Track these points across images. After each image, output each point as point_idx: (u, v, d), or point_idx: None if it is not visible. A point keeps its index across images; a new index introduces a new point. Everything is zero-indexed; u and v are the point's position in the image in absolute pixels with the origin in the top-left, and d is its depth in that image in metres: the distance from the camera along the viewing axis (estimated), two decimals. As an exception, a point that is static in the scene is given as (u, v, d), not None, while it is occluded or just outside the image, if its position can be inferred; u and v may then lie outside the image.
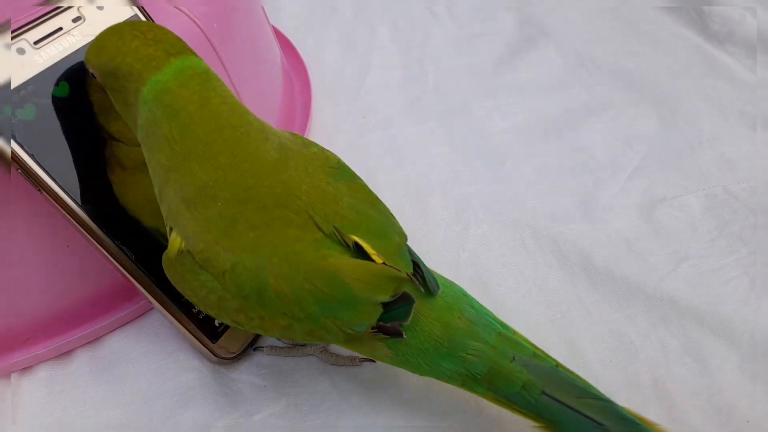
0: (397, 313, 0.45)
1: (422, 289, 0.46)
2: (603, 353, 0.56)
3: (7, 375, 0.57)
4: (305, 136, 0.74)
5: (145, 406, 0.55)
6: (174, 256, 0.44)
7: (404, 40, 0.95)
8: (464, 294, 0.50)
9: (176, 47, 0.45)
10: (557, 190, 0.70)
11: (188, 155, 0.43)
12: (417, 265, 0.47)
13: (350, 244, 0.44)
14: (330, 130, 0.80)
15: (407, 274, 0.46)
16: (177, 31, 0.55)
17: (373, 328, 0.45)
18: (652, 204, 0.68)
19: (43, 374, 0.57)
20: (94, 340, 0.59)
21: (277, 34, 0.88)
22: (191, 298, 0.46)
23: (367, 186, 0.49)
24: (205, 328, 0.55)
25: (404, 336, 0.45)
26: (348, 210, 0.45)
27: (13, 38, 0.47)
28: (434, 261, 0.52)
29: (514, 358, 0.46)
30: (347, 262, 0.43)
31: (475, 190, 0.71)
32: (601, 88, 0.84)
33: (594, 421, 0.44)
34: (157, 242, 0.53)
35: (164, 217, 0.46)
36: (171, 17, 0.57)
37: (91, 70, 0.46)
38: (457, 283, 0.50)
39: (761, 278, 0.60)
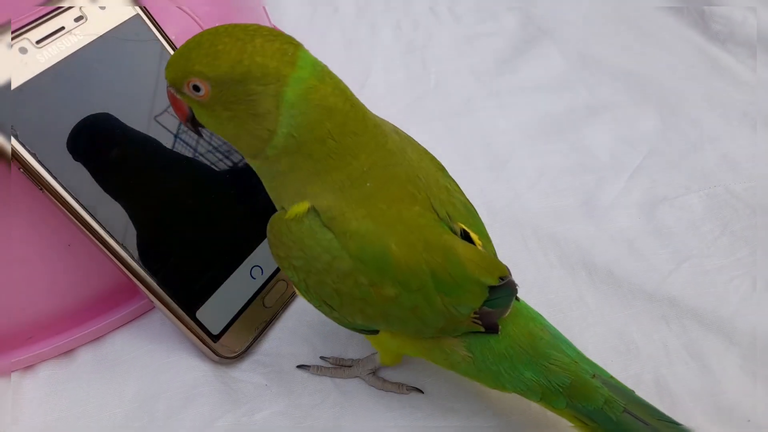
0: (498, 301, 0.45)
1: (515, 292, 0.47)
2: (604, 353, 0.56)
3: (8, 374, 0.57)
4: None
5: (147, 405, 0.55)
6: (292, 217, 0.43)
7: (406, 40, 0.96)
8: (539, 314, 0.49)
9: (293, 40, 0.42)
10: (559, 189, 0.70)
11: (344, 153, 0.42)
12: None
13: (458, 232, 0.45)
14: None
15: (508, 271, 0.46)
16: (178, 31, 0.55)
17: (475, 313, 0.44)
18: (653, 204, 0.68)
19: (44, 373, 0.57)
20: (95, 338, 0.59)
21: (279, 33, 0.88)
22: (295, 262, 0.44)
23: (461, 190, 0.50)
24: (207, 328, 0.55)
25: (499, 331, 0.45)
26: (458, 203, 0.46)
27: (15, 38, 0.47)
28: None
29: (594, 375, 0.45)
30: (461, 243, 0.44)
31: (477, 189, 0.70)
32: (603, 88, 0.84)
33: None
34: (158, 241, 0.54)
35: (276, 196, 0.45)
36: (173, 17, 0.57)
37: (196, 84, 0.40)
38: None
39: (762, 278, 0.60)
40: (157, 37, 0.54)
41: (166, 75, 0.42)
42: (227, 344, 0.56)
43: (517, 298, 0.47)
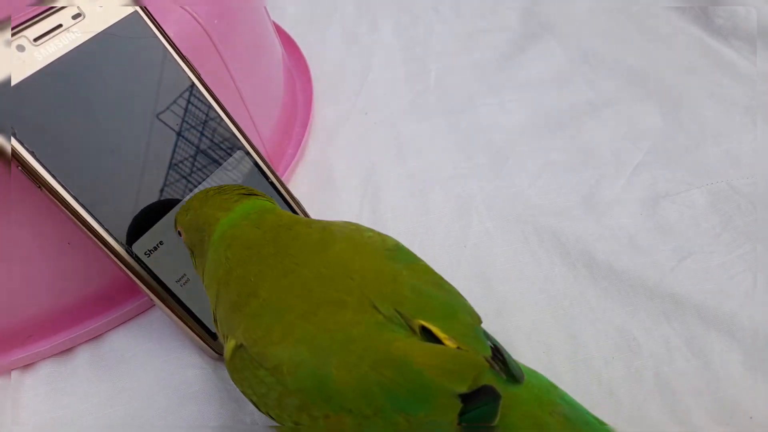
0: (479, 412, 0.37)
1: (504, 376, 0.39)
2: (606, 349, 0.56)
3: (8, 372, 0.57)
4: (307, 133, 0.74)
5: (147, 403, 0.55)
6: (230, 356, 0.41)
7: (407, 36, 0.95)
8: (552, 385, 0.42)
9: (248, 191, 0.49)
10: (560, 185, 0.70)
11: (237, 265, 0.42)
12: (496, 349, 0.40)
13: (415, 329, 0.38)
14: (332, 127, 0.80)
15: (486, 358, 0.38)
16: (178, 29, 0.55)
17: (459, 423, 0.37)
18: (655, 199, 0.67)
19: (44, 371, 0.57)
20: (95, 337, 0.59)
21: (279, 31, 0.88)
22: (252, 398, 0.41)
23: (430, 267, 0.44)
24: (206, 326, 0.55)
25: None
26: (409, 290, 0.40)
27: (13, 35, 0.47)
28: (436, 257, 0.51)
29: None
30: (417, 346, 0.37)
31: (478, 186, 0.71)
32: (605, 83, 0.84)
33: None
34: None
35: (221, 335, 0.44)
36: (172, 15, 0.57)
37: (177, 229, 0.50)
38: (458, 280, 0.45)
39: (765, 274, 0.60)
40: (155, 34, 0.54)
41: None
42: (227, 342, 0.56)
43: (514, 379, 0.39)
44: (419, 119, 0.80)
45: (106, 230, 0.51)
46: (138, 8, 0.53)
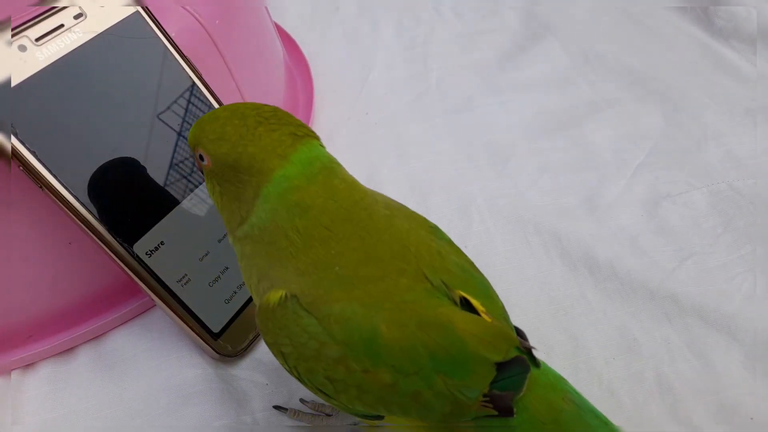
0: (509, 381, 0.39)
1: (531, 356, 0.42)
2: (607, 350, 0.56)
3: (8, 372, 0.57)
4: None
5: (148, 403, 0.55)
6: (275, 302, 0.40)
7: (408, 37, 0.95)
8: (561, 377, 0.44)
9: (302, 131, 0.41)
10: (561, 186, 0.70)
11: (311, 243, 0.40)
12: (520, 333, 0.43)
13: (456, 300, 0.40)
14: (333, 127, 0.80)
15: (517, 337, 0.41)
16: (178, 28, 0.55)
17: (484, 396, 0.39)
18: (656, 200, 0.67)
19: (45, 371, 0.57)
20: (96, 337, 0.59)
21: (280, 31, 0.88)
22: (284, 349, 0.41)
23: (461, 250, 0.45)
24: (207, 326, 0.55)
25: (514, 414, 0.39)
26: (453, 266, 0.42)
27: (14, 35, 0.47)
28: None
29: None
30: (460, 315, 0.39)
31: (479, 186, 0.71)
32: (606, 84, 0.84)
33: None
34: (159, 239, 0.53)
35: (259, 291, 0.43)
36: (173, 15, 0.57)
37: (201, 154, 0.42)
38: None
39: (765, 275, 0.60)
40: (157, 34, 0.54)
41: (189, 134, 0.43)
42: (228, 342, 0.56)
43: (535, 362, 0.42)
44: (420, 120, 0.80)
45: (107, 230, 0.51)
46: (139, 8, 0.53)
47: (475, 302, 0.40)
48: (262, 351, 0.57)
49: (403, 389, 0.39)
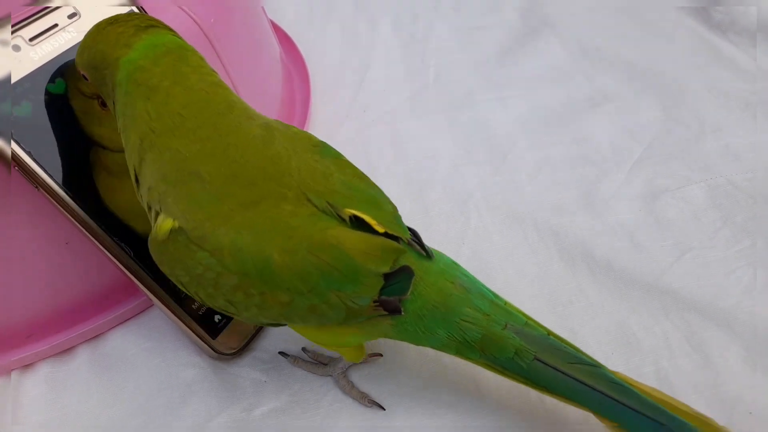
0: (397, 286, 0.45)
1: (423, 252, 0.46)
2: (605, 345, 0.56)
3: (8, 372, 0.57)
4: (305, 131, 0.74)
5: (147, 402, 0.55)
6: (164, 236, 0.43)
7: (406, 33, 0.95)
8: (455, 263, 0.49)
9: (146, 22, 0.45)
10: (559, 181, 0.70)
11: (165, 131, 0.42)
12: (413, 231, 0.48)
13: (346, 218, 0.44)
14: (330, 125, 0.80)
15: (407, 240, 0.46)
16: (174, 27, 0.55)
17: (375, 301, 0.44)
18: (654, 195, 0.67)
19: (44, 371, 0.57)
20: (95, 336, 0.59)
21: (277, 29, 0.88)
22: (182, 279, 0.45)
23: (351, 162, 0.49)
24: (205, 324, 0.55)
25: (402, 312, 0.45)
26: (339, 185, 0.45)
27: (9, 35, 0.47)
28: (434, 254, 0.51)
29: (506, 326, 0.45)
30: (348, 234, 0.43)
31: (477, 182, 0.71)
32: (604, 79, 0.84)
33: (584, 384, 0.44)
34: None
35: (145, 201, 0.45)
36: (168, 14, 0.57)
37: (81, 72, 0.46)
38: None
39: (764, 269, 0.60)
40: (152, 33, 0.54)
41: None
42: (226, 341, 0.56)
43: (427, 255, 0.47)
44: (418, 116, 0.80)
45: (104, 230, 0.51)
46: (134, 7, 0.53)
47: (365, 217, 0.44)
48: (260, 349, 0.57)
49: (300, 305, 0.44)
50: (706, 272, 0.60)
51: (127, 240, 0.52)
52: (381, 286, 0.44)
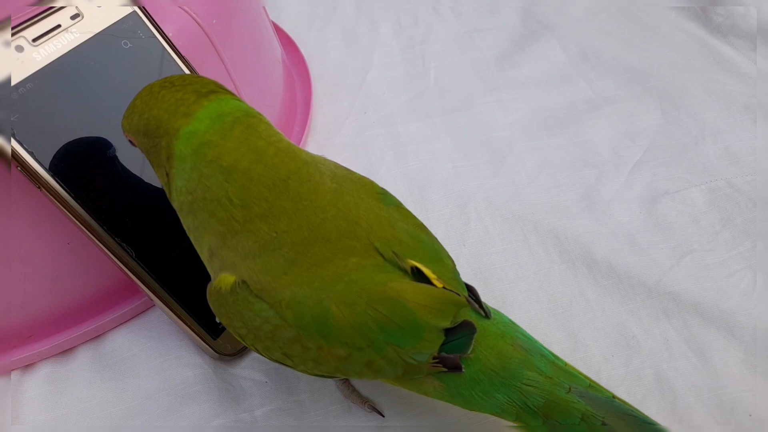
0: (457, 343, 0.43)
1: (481, 312, 0.45)
2: (605, 347, 0.56)
3: (8, 372, 0.57)
4: (306, 132, 0.74)
5: (147, 402, 0.55)
6: (226, 288, 0.42)
7: (406, 36, 0.96)
8: (512, 322, 0.47)
9: (206, 87, 0.42)
10: (559, 184, 0.70)
11: (252, 217, 0.40)
12: (471, 289, 0.46)
13: (407, 269, 0.42)
14: (331, 127, 0.80)
15: (465, 297, 0.44)
16: (175, 28, 0.55)
17: (434, 358, 0.42)
18: (654, 198, 0.67)
19: (44, 371, 0.57)
20: (95, 337, 0.59)
21: (279, 31, 0.88)
22: (239, 331, 0.43)
23: (411, 212, 0.47)
24: (206, 325, 0.55)
25: (463, 370, 0.42)
26: (403, 234, 0.44)
27: (11, 35, 0.47)
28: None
29: (570, 389, 0.43)
30: (408, 287, 0.41)
31: (477, 185, 0.71)
32: (604, 82, 0.84)
33: None
34: (157, 239, 0.53)
35: (205, 260, 0.44)
36: (171, 15, 0.57)
37: (127, 137, 0.44)
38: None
39: (764, 272, 0.60)
40: (154, 34, 0.54)
41: None
42: (227, 341, 0.56)
43: (485, 314, 0.45)
44: (418, 118, 0.81)
45: (105, 230, 0.51)
46: (136, 8, 0.53)
47: (426, 270, 0.43)
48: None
49: (357, 360, 0.42)
50: (706, 275, 0.60)
51: (129, 240, 0.52)
52: (441, 342, 0.42)
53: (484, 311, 0.45)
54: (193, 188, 0.41)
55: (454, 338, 0.43)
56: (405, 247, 0.43)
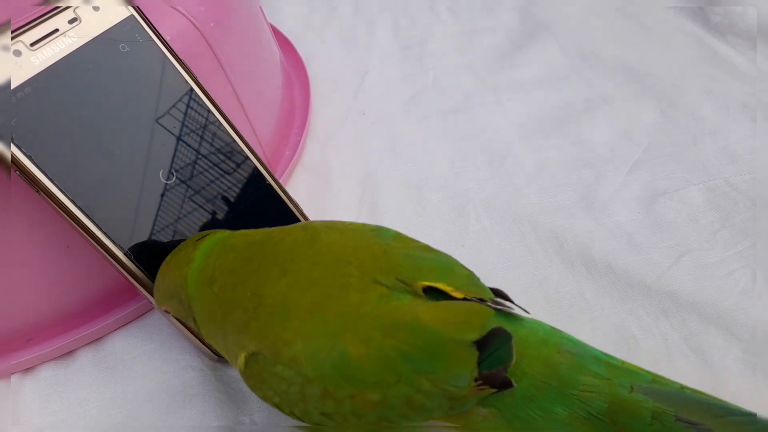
0: (496, 355, 0.39)
1: (514, 312, 0.42)
2: (604, 347, 0.55)
3: (8, 376, 0.57)
4: (305, 134, 0.74)
5: (147, 405, 0.55)
6: (243, 366, 0.42)
7: (404, 36, 0.96)
8: (554, 328, 0.44)
9: (199, 235, 0.48)
10: (558, 184, 0.70)
11: (230, 294, 0.43)
12: (497, 292, 0.44)
13: (418, 291, 0.40)
14: (330, 128, 0.80)
15: (491, 300, 0.42)
16: (173, 32, 0.55)
17: (476, 380, 0.38)
18: (653, 197, 0.67)
19: (45, 374, 0.57)
20: (95, 340, 0.59)
21: (276, 33, 0.88)
22: (274, 400, 0.42)
23: (411, 238, 0.46)
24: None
25: (514, 384, 0.38)
26: (403, 258, 0.42)
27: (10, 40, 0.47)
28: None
29: (632, 388, 0.40)
30: (423, 306, 0.39)
31: (476, 185, 0.71)
32: (602, 81, 0.84)
33: None
34: (155, 243, 0.53)
35: (235, 363, 0.44)
36: (168, 17, 0.57)
37: (163, 310, 0.50)
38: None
39: (763, 271, 0.60)
40: (152, 38, 0.54)
41: None
42: (226, 344, 0.56)
43: (522, 310, 0.43)
44: (417, 119, 0.81)
45: (105, 234, 0.51)
46: (134, 12, 0.53)
47: (439, 285, 0.40)
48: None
49: (394, 400, 0.38)
50: (705, 274, 0.60)
51: (128, 244, 0.52)
52: (476, 359, 0.38)
53: (520, 308, 0.43)
54: (201, 313, 0.45)
55: (491, 351, 0.39)
56: (408, 269, 0.41)
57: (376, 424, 0.40)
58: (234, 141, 0.57)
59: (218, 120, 0.57)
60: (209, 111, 0.56)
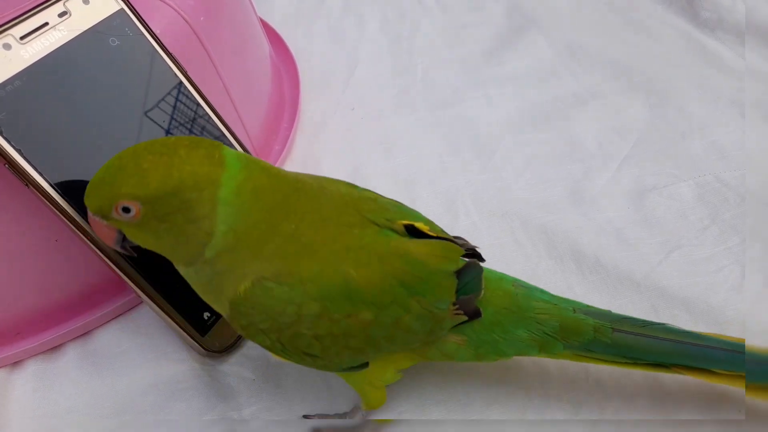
0: (470, 285, 0.47)
1: (478, 252, 0.50)
2: (594, 343, 0.56)
3: (-4, 370, 0.57)
4: (294, 128, 0.74)
5: (135, 400, 0.55)
6: (244, 290, 0.42)
7: (393, 31, 0.96)
8: (500, 272, 0.51)
9: (215, 143, 0.43)
10: (547, 179, 0.70)
11: (274, 224, 0.42)
12: (459, 238, 0.50)
13: (400, 230, 0.46)
14: (319, 123, 0.81)
15: (458, 240, 0.49)
16: (163, 26, 0.55)
17: (453, 304, 0.46)
18: (642, 193, 0.68)
19: (32, 368, 0.57)
20: (84, 334, 0.59)
21: (266, 27, 0.88)
22: (261, 325, 0.43)
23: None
24: (194, 322, 0.55)
25: (482, 314, 0.46)
26: (388, 204, 0.48)
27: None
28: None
29: (575, 310, 0.48)
30: (410, 242, 0.45)
31: (465, 180, 0.71)
32: (591, 76, 0.84)
33: (668, 340, 0.47)
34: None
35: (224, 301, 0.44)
36: (157, 11, 0.57)
37: (124, 206, 0.40)
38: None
39: (752, 266, 0.60)
40: (142, 31, 0.54)
41: (89, 204, 0.43)
42: (215, 338, 0.56)
43: (482, 259, 0.50)
44: (406, 114, 0.81)
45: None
46: (124, 6, 0.53)
47: (418, 225, 0.47)
48: (249, 347, 0.58)
49: (386, 320, 0.44)
50: (694, 270, 0.60)
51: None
52: (455, 286, 0.46)
53: (478, 255, 0.50)
54: (238, 224, 0.41)
55: (465, 280, 0.47)
56: (393, 213, 0.47)
57: (359, 348, 0.45)
58: (223, 135, 0.57)
59: (207, 113, 0.57)
60: (198, 104, 0.56)
